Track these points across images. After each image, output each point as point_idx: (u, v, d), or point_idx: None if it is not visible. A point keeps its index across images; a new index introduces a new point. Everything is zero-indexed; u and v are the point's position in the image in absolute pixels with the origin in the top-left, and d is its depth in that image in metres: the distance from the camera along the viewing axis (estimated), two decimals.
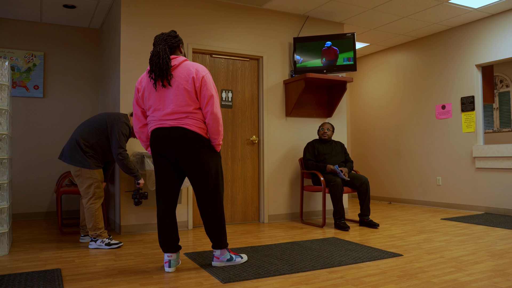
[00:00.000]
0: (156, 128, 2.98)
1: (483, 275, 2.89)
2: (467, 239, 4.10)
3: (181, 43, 3.10)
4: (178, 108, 2.91)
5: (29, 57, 5.76)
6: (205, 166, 2.98)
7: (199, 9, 5.04)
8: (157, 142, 2.98)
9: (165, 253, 3.06)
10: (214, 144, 3.02)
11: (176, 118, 2.92)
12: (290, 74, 5.55)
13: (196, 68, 2.95)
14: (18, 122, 5.70)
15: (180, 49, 3.11)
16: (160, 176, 3.05)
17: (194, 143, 2.93)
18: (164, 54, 2.91)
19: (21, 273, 2.98)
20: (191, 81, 2.91)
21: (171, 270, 3.05)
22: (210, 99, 2.92)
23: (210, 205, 3.04)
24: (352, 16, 5.80)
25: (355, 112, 8.32)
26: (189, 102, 2.92)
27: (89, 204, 3.83)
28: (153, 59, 2.92)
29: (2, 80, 3.62)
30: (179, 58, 3.00)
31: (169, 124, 2.93)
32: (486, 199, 5.98)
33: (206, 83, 2.92)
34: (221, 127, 2.99)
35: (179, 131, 2.91)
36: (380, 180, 7.70)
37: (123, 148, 3.78)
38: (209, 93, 2.92)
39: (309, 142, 5.20)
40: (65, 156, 3.88)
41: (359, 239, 4.17)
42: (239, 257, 3.23)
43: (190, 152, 2.93)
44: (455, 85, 6.41)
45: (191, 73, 2.92)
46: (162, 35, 3.04)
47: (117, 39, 4.78)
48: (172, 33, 3.06)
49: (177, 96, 2.91)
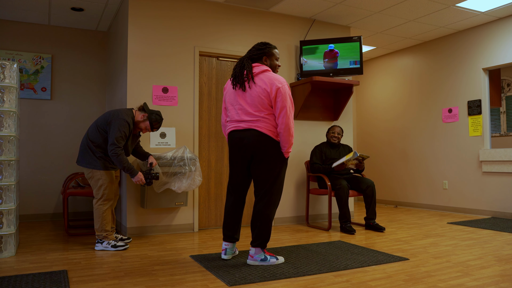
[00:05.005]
0: (233, 130, 3.29)
1: (490, 280, 2.87)
2: (473, 244, 4.07)
3: (264, 54, 3.33)
4: (251, 112, 3.18)
5: (37, 59, 5.81)
6: (267, 168, 3.21)
7: (206, 12, 5.06)
8: (233, 142, 3.28)
9: (224, 241, 3.38)
10: (283, 151, 3.23)
11: (249, 120, 3.19)
12: (297, 77, 5.55)
13: (273, 79, 3.18)
14: (25, 124, 5.74)
15: (265, 60, 3.34)
16: (232, 172, 3.36)
17: (264, 143, 3.17)
18: (246, 63, 3.25)
19: (28, 274, 3.00)
20: (267, 91, 3.15)
21: (226, 257, 3.38)
22: (283, 110, 3.13)
23: (262, 202, 3.25)
24: (358, 20, 5.80)
25: (361, 115, 8.30)
26: (261, 109, 3.17)
27: (97, 205, 3.86)
28: (237, 65, 3.29)
29: (10, 82, 3.64)
30: (261, 67, 3.26)
31: (242, 127, 3.22)
32: (493, 203, 5.95)
33: (281, 94, 3.14)
34: (292, 138, 3.21)
35: (252, 132, 3.18)
36: (386, 184, 7.67)
37: (116, 145, 3.71)
38: (282, 105, 3.13)
39: (317, 146, 5.19)
40: (78, 160, 3.91)
41: (365, 242, 4.15)
42: (275, 258, 3.32)
43: (260, 150, 3.18)
44: (461, 88, 6.38)
45: (267, 84, 3.16)
46: (252, 48, 3.36)
47: (124, 41, 4.81)
48: (256, 46, 3.34)
49: (252, 102, 3.18)
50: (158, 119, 3.98)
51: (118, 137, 3.74)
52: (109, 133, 3.79)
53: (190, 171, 4.32)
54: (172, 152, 4.37)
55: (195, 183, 4.33)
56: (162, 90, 4.75)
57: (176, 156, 4.33)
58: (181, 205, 4.59)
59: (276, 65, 3.38)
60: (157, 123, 3.99)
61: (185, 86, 4.89)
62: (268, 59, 3.34)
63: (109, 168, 3.88)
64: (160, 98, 4.73)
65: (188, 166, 4.32)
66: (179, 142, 4.82)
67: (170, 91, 4.79)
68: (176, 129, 4.80)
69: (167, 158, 4.29)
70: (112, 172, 3.92)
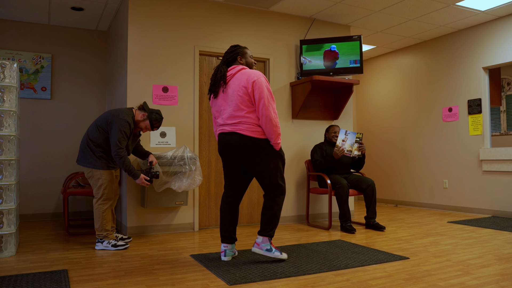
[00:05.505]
0: (220, 133, 3.33)
1: (490, 278, 2.87)
2: (474, 243, 4.07)
3: (237, 54, 3.38)
4: (232, 113, 3.21)
5: (37, 59, 5.81)
6: (263, 165, 3.24)
7: (206, 11, 5.06)
8: (221, 145, 3.32)
9: (222, 243, 3.38)
10: (272, 144, 3.23)
11: (231, 123, 3.22)
12: (297, 76, 5.55)
13: (249, 74, 3.21)
14: (25, 124, 5.74)
15: (240, 59, 3.38)
16: (227, 174, 3.39)
17: (248, 146, 3.19)
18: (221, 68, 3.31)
19: (28, 274, 3.00)
20: (243, 87, 3.17)
21: (226, 259, 3.37)
22: (261, 101, 3.14)
23: (269, 194, 3.32)
24: (358, 19, 5.80)
25: (361, 115, 8.30)
26: (241, 107, 3.18)
27: (97, 205, 3.86)
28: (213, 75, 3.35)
29: (10, 82, 3.64)
30: (237, 67, 3.31)
31: (227, 130, 3.25)
32: (493, 202, 5.95)
33: (258, 86, 3.16)
34: (276, 128, 3.19)
35: (235, 136, 3.20)
36: (386, 183, 7.67)
37: (119, 146, 3.72)
38: (259, 96, 3.15)
39: (317, 144, 5.19)
40: (78, 159, 3.92)
41: (365, 241, 4.15)
42: (279, 252, 3.35)
43: (247, 154, 3.21)
44: (462, 87, 6.38)
45: (244, 80, 3.19)
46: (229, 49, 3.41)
47: (125, 41, 4.81)
48: (228, 50, 3.40)
49: (232, 102, 3.21)
50: (158, 118, 3.98)
51: (120, 138, 3.74)
52: (110, 134, 3.79)
53: (190, 170, 4.32)
54: (172, 152, 4.37)
55: (195, 182, 4.33)
56: (162, 90, 4.74)
57: (176, 156, 4.33)
58: (181, 204, 4.59)
59: (252, 62, 3.44)
60: (157, 122, 3.99)
61: (185, 85, 4.89)
62: (243, 57, 3.39)
63: (109, 168, 3.88)
64: (160, 98, 4.73)
65: (188, 165, 4.32)
66: (179, 142, 4.82)
67: (170, 90, 4.79)
68: (176, 129, 4.80)
69: (167, 158, 4.29)
70: (112, 172, 3.92)
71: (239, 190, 3.40)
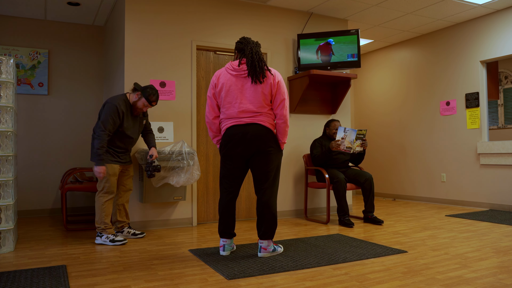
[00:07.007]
0: (231, 126, 3.26)
1: (488, 271, 2.88)
2: (471, 236, 4.09)
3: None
4: (254, 107, 3.21)
5: (34, 54, 5.78)
6: (269, 160, 3.27)
7: (203, 6, 5.04)
8: (233, 137, 3.23)
9: (221, 238, 3.40)
10: (280, 143, 3.34)
11: (251, 115, 3.21)
12: (294, 71, 5.54)
13: (275, 72, 3.28)
14: (23, 120, 5.72)
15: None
16: (228, 172, 3.34)
17: (268, 137, 3.23)
18: (260, 55, 3.24)
19: (27, 270, 3.00)
20: (269, 85, 3.22)
21: (225, 253, 3.39)
22: (282, 102, 3.24)
23: (267, 195, 3.29)
24: (356, 13, 5.78)
25: (359, 109, 8.30)
26: (263, 105, 3.23)
27: (98, 197, 3.91)
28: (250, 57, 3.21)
29: (7, 78, 3.63)
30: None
31: (244, 121, 3.22)
32: (491, 195, 5.97)
33: (281, 87, 3.25)
34: (288, 129, 3.35)
35: (255, 126, 3.21)
36: (384, 177, 7.69)
37: (102, 128, 3.76)
38: (281, 97, 3.23)
39: (317, 139, 5.18)
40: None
41: (363, 235, 4.16)
42: (279, 247, 3.46)
43: (262, 145, 3.22)
44: (459, 81, 6.38)
45: (270, 78, 3.23)
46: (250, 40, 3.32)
47: (121, 36, 4.79)
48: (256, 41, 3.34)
49: (254, 99, 3.21)
50: (153, 92, 3.94)
51: (104, 121, 3.79)
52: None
53: (188, 165, 4.31)
54: (170, 147, 4.37)
55: (193, 177, 4.33)
56: (159, 85, 4.73)
57: (174, 151, 4.32)
58: (180, 199, 4.59)
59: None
60: (152, 96, 3.94)
61: (183, 80, 4.87)
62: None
63: (113, 162, 3.90)
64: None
65: (186, 160, 4.32)
66: (177, 137, 4.81)
67: (167, 85, 4.77)
68: (174, 124, 4.79)
69: (165, 153, 4.29)
70: (116, 166, 3.93)
71: (239, 187, 3.41)
